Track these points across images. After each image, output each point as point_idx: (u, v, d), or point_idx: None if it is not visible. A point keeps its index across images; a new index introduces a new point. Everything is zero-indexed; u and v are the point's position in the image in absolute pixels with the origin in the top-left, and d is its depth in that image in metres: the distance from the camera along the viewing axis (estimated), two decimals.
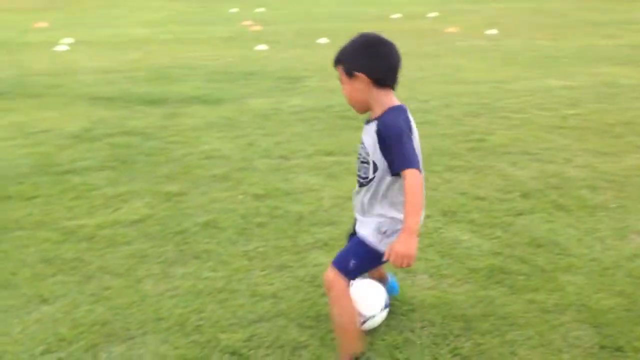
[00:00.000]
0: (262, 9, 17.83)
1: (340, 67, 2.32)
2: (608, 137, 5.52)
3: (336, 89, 7.80)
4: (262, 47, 11.44)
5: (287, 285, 3.09)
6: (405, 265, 2.15)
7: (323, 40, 11.76)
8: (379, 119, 2.28)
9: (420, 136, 6.08)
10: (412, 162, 2.16)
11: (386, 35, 2.35)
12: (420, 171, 2.19)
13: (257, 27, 14.32)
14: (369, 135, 2.32)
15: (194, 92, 7.58)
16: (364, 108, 2.35)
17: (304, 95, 7.47)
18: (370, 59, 2.22)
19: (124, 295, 2.98)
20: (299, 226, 3.80)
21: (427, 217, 3.91)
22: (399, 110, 2.28)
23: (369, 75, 2.23)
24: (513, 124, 6.05)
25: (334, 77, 9.50)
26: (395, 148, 2.19)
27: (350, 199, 4.18)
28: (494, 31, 12.83)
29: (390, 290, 2.87)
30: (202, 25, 14.86)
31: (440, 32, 13.00)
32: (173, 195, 4.26)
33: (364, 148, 2.37)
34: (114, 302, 2.93)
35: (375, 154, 2.29)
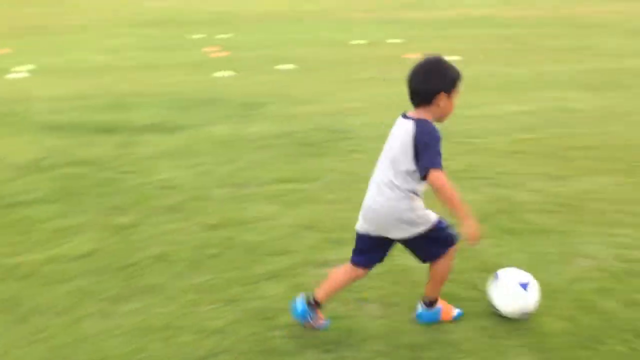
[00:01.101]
0: (227, 35, 17.84)
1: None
2: (560, 161, 5.61)
3: (297, 115, 7.85)
4: (225, 73, 11.43)
5: (235, 319, 3.04)
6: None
7: (287, 67, 11.81)
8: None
9: (376, 161, 6.08)
10: None
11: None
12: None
13: (221, 53, 14.32)
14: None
15: (152, 119, 7.51)
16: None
17: (265, 121, 7.46)
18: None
19: (63, 335, 2.90)
20: (252, 257, 3.77)
21: None
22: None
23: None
24: (469, 149, 6.12)
25: (296, 103, 9.47)
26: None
27: (307, 227, 4.20)
28: (456, 57, 13.03)
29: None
30: (165, 51, 14.81)
31: (402, 58, 13.17)
32: (123, 227, 4.18)
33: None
34: (53, 342, 2.84)
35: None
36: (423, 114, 2.80)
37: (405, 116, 2.84)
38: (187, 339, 2.87)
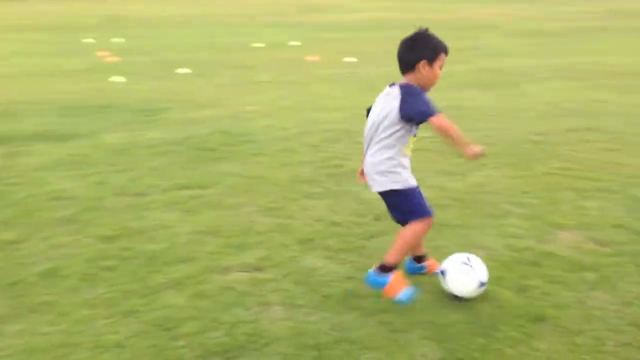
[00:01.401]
0: (120, 40, 17.26)
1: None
2: (454, 157, 5.82)
3: (197, 120, 7.70)
4: (120, 78, 11.06)
5: (134, 332, 2.92)
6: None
7: (184, 71, 11.57)
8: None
9: (280, 164, 6.07)
10: None
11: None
12: None
13: (114, 58, 13.83)
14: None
15: (41, 128, 7.12)
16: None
17: (163, 127, 7.26)
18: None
19: None
20: (151, 266, 3.64)
21: (284, 246, 3.92)
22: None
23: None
24: None
25: (194, 107, 9.22)
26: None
27: (209, 233, 4.12)
28: (353, 59, 13.29)
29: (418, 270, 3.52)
30: (55, 56, 14.12)
31: (302, 61, 13.27)
32: (9, 243, 3.92)
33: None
34: None
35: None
36: (408, 80, 3.17)
37: (392, 85, 3.18)
38: (81, 356, 2.72)
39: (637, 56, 12.63)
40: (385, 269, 3.25)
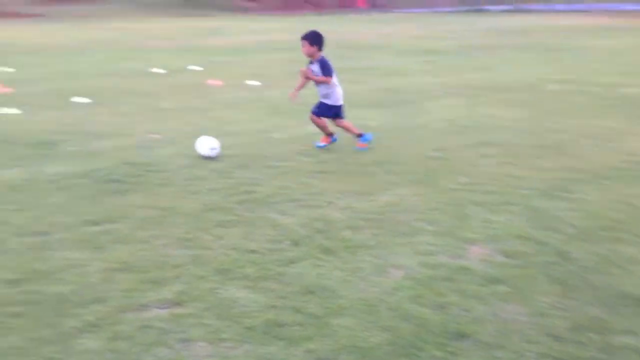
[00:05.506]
0: (9, 69, 16.38)
1: (307, 41, 6.88)
2: (363, 177, 5.97)
3: (99, 152, 7.43)
4: (11, 110, 10.48)
5: None
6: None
7: (81, 100, 11.15)
8: (319, 59, 6.89)
9: (189, 193, 5.95)
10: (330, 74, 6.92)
11: None
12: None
13: (4, 89, 13.10)
14: (315, 66, 6.94)
15: None
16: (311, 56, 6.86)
17: (63, 161, 6.94)
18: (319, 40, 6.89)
19: None
20: (63, 310, 3.47)
21: (202, 278, 3.85)
22: (325, 57, 6.91)
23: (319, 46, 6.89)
24: (279, 172, 6.26)
25: (95, 138, 8.87)
26: (327, 70, 6.93)
27: (121, 270, 3.97)
28: (256, 82, 13.30)
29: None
30: None
31: (204, 85, 13.12)
32: None
33: (315, 71, 6.99)
34: None
35: (319, 73, 6.90)
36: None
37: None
38: None
39: (517, 72, 13.50)
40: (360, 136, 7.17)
